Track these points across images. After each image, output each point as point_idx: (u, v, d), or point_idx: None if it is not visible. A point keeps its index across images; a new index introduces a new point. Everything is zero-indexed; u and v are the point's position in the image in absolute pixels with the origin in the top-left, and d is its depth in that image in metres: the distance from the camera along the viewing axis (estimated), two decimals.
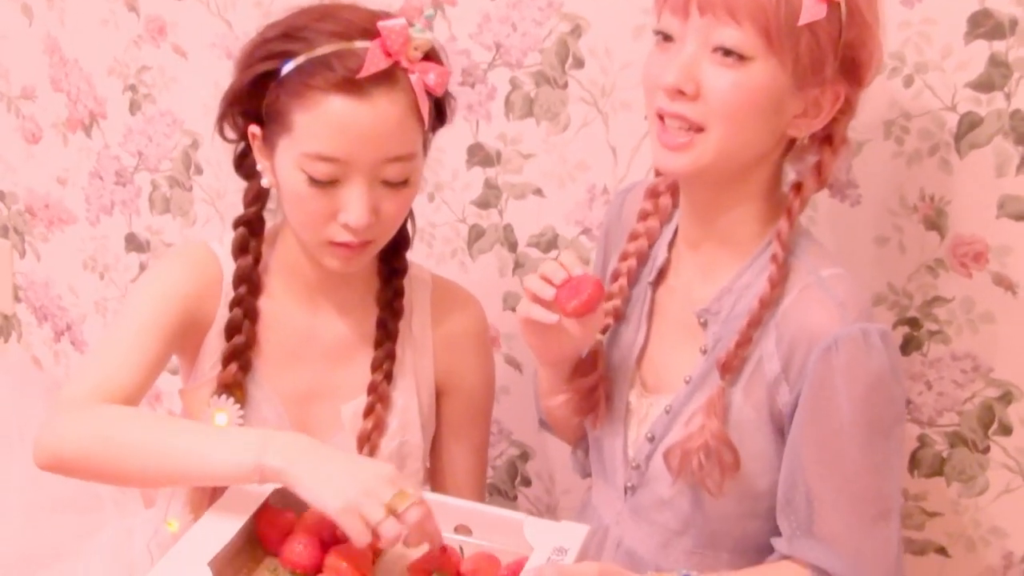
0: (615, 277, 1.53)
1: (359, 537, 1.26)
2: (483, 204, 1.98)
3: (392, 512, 1.26)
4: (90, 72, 2.35)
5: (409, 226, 1.57)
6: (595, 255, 1.68)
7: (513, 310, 1.99)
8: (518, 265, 1.98)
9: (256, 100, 1.45)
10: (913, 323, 1.68)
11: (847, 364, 1.32)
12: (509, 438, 2.11)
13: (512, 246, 1.98)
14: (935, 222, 1.63)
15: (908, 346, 1.69)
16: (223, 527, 1.32)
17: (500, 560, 1.36)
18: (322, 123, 1.39)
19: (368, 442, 1.57)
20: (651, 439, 1.48)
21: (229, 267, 1.54)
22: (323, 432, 1.57)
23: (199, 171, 2.28)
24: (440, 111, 1.50)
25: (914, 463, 1.74)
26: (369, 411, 1.57)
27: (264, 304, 1.56)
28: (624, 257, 1.53)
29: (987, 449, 1.69)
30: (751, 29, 1.28)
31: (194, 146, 2.27)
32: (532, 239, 1.96)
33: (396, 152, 1.42)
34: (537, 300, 1.39)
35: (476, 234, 2.01)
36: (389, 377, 1.58)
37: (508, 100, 1.90)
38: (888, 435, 1.37)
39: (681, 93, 1.31)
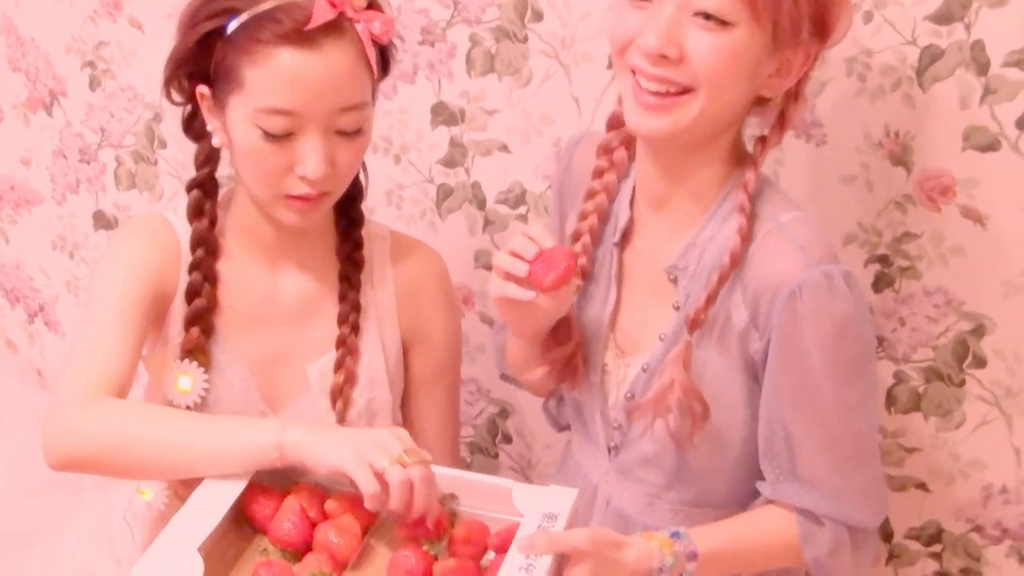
0: (576, 237, 1.50)
1: (367, 484, 1.27)
2: (449, 163, 1.97)
3: (399, 463, 1.29)
4: (48, 50, 2.33)
5: (362, 176, 1.57)
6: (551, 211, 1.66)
7: (485, 268, 1.99)
8: (488, 222, 1.97)
9: (203, 60, 1.44)
10: (884, 260, 1.68)
11: (812, 309, 1.32)
12: (488, 396, 2.10)
13: (481, 204, 1.97)
14: (901, 158, 1.62)
15: (880, 283, 1.69)
16: (210, 509, 1.31)
17: (490, 527, 1.35)
18: (274, 77, 1.39)
19: (341, 395, 1.56)
20: (631, 398, 1.47)
21: (186, 235, 1.53)
22: (290, 394, 1.57)
23: (163, 144, 2.26)
24: (384, 59, 1.49)
25: (890, 399, 1.74)
26: (339, 365, 1.57)
27: (223, 267, 1.55)
28: (584, 216, 1.50)
29: (963, 383, 1.70)
30: None
31: (156, 119, 2.25)
32: (500, 196, 1.95)
33: (349, 101, 1.42)
34: (510, 278, 1.37)
35: (444, 193, 1.99)
36: (356, 329, 1.58)
37: (469, 57, 1.88)
38: (860, 375, 1.37)
39: (664, 57, 1.29)
